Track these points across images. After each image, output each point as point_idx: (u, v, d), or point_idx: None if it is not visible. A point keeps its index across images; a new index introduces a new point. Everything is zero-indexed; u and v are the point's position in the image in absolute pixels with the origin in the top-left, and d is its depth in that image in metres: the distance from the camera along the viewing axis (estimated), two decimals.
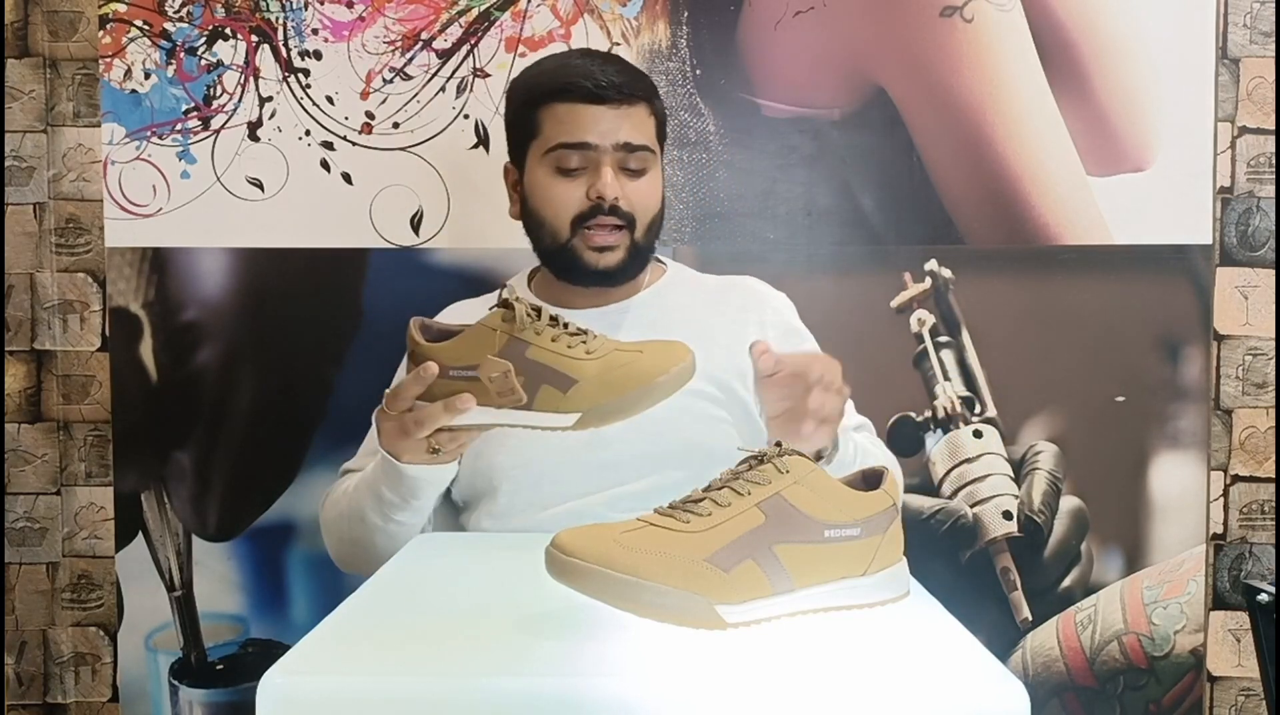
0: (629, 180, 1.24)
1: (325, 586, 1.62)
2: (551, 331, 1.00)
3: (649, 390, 0.99)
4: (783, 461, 0.81)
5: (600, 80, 1.21)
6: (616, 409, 0.99)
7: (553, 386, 0.98)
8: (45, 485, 1.64)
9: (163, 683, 1.63)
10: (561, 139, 1.22)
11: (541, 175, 1.25)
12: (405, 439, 1.06)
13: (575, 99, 1.22)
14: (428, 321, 1.06)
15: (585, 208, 1.22)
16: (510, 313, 1.00)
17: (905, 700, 0.68)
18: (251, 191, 1.59)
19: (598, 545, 0.76)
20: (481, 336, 1.00)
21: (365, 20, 1.58)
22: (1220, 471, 1.63)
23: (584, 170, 1.23)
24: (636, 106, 1.23)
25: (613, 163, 1.22)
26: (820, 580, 0.79)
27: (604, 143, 1.22)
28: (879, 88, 1.58)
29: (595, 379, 0.98)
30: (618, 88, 1.21)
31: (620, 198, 1.22)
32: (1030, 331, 1.60)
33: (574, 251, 1.24)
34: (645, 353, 1.01)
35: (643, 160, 1.24)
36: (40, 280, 1.62)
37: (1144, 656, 1.61)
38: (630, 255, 1.25)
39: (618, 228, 1.23)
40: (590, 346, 1.00)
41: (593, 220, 1.22)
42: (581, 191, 1.23)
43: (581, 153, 1.22)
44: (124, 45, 1.58)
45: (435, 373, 1.01)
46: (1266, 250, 1.61)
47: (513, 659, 0.74)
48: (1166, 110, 1.58)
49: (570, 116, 1.22)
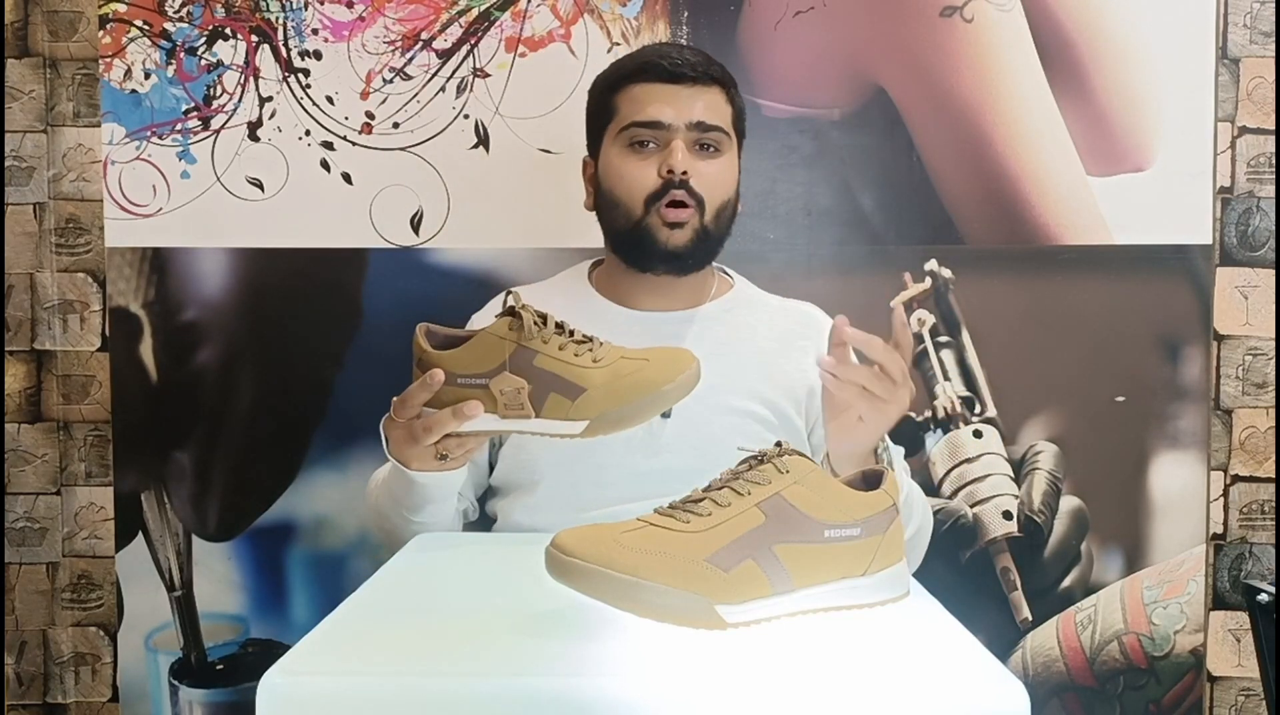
0: (702, 161, 1.23)
1: (325, 586, 1.62)
2: (559, 339, 1.01)
3: (656, 397, 1.00)
4: (783, 461, 0.81)
5: (676, 59, 1.22)
6: (624, 417, 1.00)
7: (561, 394, 1.00)
8: (45, 485, 1.64)
9: (163, 683, 1.63)
10: (636, 117, 1.22)
11: (615, 155, 1.24)
12: (413, 446, 1.06)
13: (651, 79, 1.22)
14: (434, 327, 1.06)
15: (658, 186, 1.22)
16: (517, 321, 1.00)
17: (905, 700, 0.68)
18: (251, 191, 1.59)
19: (598, 545, 0.76)
20: (489, 344, 1.01)
21: (365, 20, 1.58)
22: (1220, 471, 1.63)
23: (657, 150, 1.22)
24: (712, 88, 1.23)
25: (686, 140, 1.22)
26: (820, 580, 0.79)
27: (677, 121, 1.21)
28: (879, 88, 1.58)
29: (603, 387, 0.99)
30: (692, 66, 1.22)
31: (691, 174, 1.21)
32: (1030, 331, 1.60)
33: (647, 229, 1.22)
34: (651, 361, 1.02)
35: (716, 141, 1.23)
36: (40, 280, 1.62)
37: (1144, 656, 1.61)
38: (699, 237, 1.23)
39: (686, 206, 1.22)
40: (597, 354, 1.01)
41: (665, 198, 1.21)
42: (654, 168, 1.22)
43: (654, 130, 1.22)
44: (124, 45, 1.58)
45: (441, 380, 1.02)
46: (1266, 250, 1.61)
47: (513, 659, 0.74)
48: (1166, 110, 1.58)
49: (645, 95, 1.22)
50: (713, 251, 1.28)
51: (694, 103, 1.22)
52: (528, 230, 1.58)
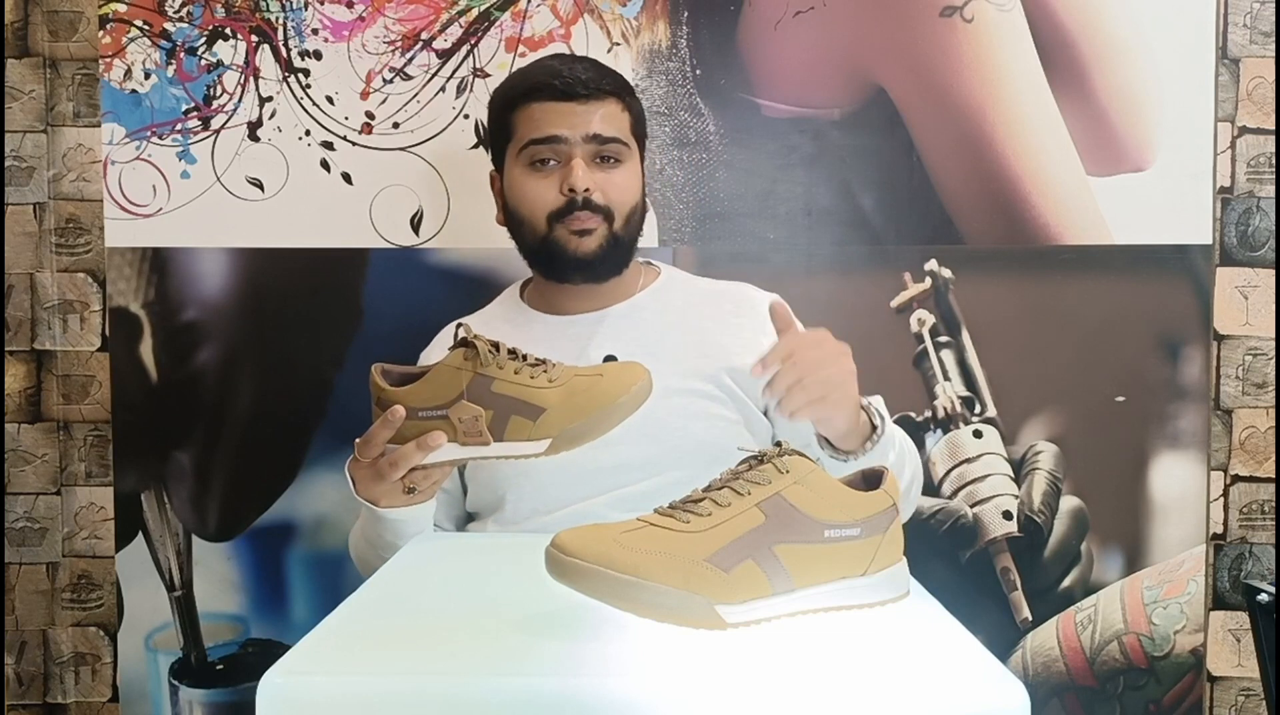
0: (603, 173, 1.24)
1: (325, 586, 1.62)
2: (514, 364, 1.04)
3: (612, 410, 1.04)
4: (783, 461, 0.81)
5: (568, 77, 1.23)
6: (584, 431, 1.04)
7: (522, 416, 1.03)
8: (45, 485, 1.64)
9: (163, 683, 1.63)
10: (533, 135, 1.24)
11: (517, 174, 1.26)
12: (381, 483, 1.08)
13: (545, 98, 1.23)
14: (389, 367, 1.09)
15: (560, 203, 1.23)
16: (472, 351, 1.04)
17: (905, 700, 0.68)
18: (251, 191, 1.59)
19: (598, 545, 0.76)
20: (446, 376, 1.04)
21: (365, 20, 1.58)
22: (1220, 471, 1.63)
23: (557, 166, 1.24)
24: (607, 102, 1.25)
25: (584, 155, 1.23)
26: (820, 580, 0.79)
27: (574, 135, 1.23)
28: (879, 88, 1.58)
29: (560, 406, 1.03)
30: (584, 83, 1.23)
31: (593, 189, 1.23)
32: (1030, 331, 1.60)
33: (555, 242, 1.25)
34: (605, 376, 1.06)
35: (615, 152, 1.25)
36: (40, 280, 1.62)
37: (1144, 656, 1.61)
38: (609, 244, 1.25)
39: (594, 218, 1.24)
40: (551, 375, 1.05)
41: (568, 216, 1.23)
42: (555, 187, 1.24)
43: (552, 146, 1.23)
44: (124, 45, 1.58)
45: (403, 415, 1.04)
46: (1266, 250, 1.61)
47: (513, 659, 0.74)
48: (1166, 110, 1.58)
49: (541, 114, 1.24)
50: (626, 255, 1.29)
51: (589, 117, 1.23)
52: None
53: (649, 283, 1.35)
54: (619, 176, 1.25)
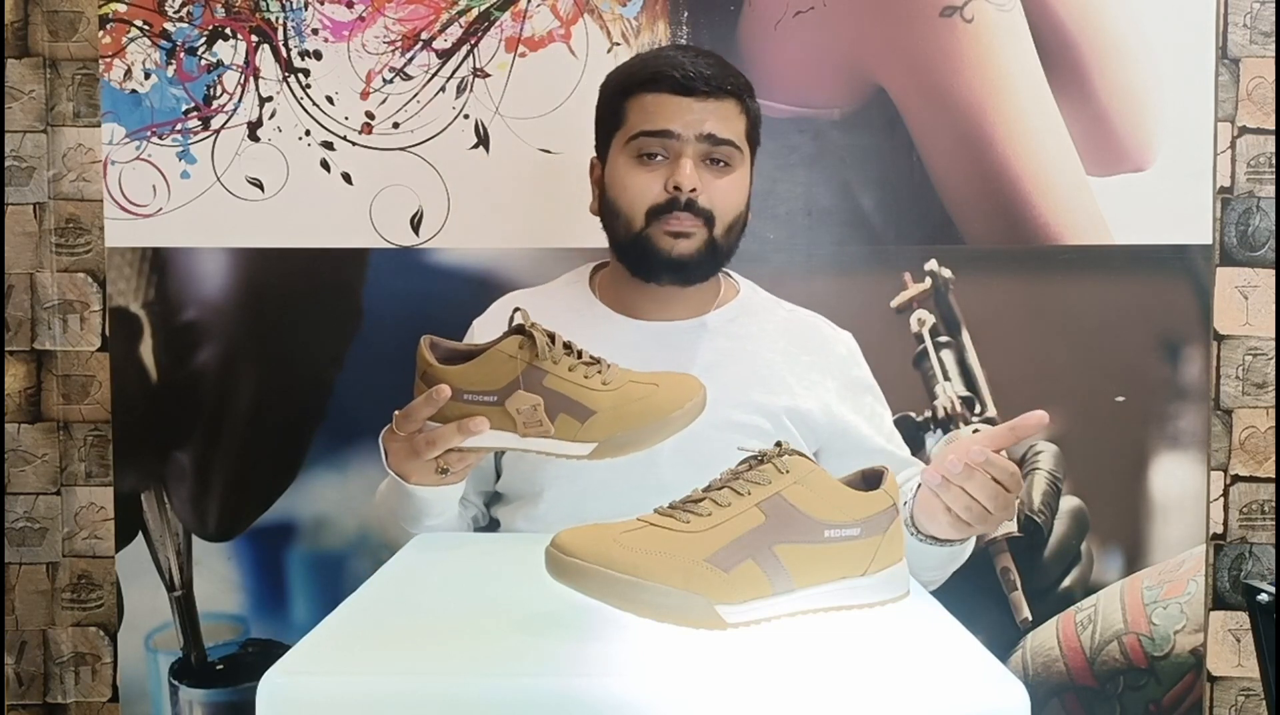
0: (712, 176, 1.20)
1: (325, 586, 1.62)
2: (568, 360, 1.01)
3: (663, 423, 1.01)
4: (783, 461, 0.81)
5: (689, 71, 1.18)
6: (631, 441, 1.01)
7: (570, 415, 1.00)
8: (45, 485, 1.64)
9: (163, 683, 1.63)
10: (644, 127, 1.19)
11: (622, 164, 1.21)
12: (414, 459, 1.06)
13: (662, 89, 1.19)
14: (438, 340, 1.06)
15: (662, 199, 1.19)
16: (528, 340, 1.00)
17: (905, 700, 0.68)
18: (251, 191, 1.59)
19: (598, 545, 0.76)
20: (498, 362, 1.00)
21: (365, 20, 1.58)
22: (1220, 471, 1.63)
23: (665, 161, 1.19)
24: (725, 101, 1.20)
25: (695, 154, 1.18)
26: (820, 580, 0.79)
27: (687, 132, 1.18)
28: (879, 88, 1.58)
29: (611, 410, 1.00)
30: (706, 79, 1.18)
31: (699, 190, 1.18)
32: (1030, 331, 1.60)
33: (648, 239, 1.19)
34: (660, 386, 1.02)
35: (727, 155, 1.20)
36: (40, 280, 1.62)
37: (1144, 656, 1.61)
38: (707, 249, 1.20)
39: (695, 222, 1.19)
40: (606, 377, 1.01)
41: (669, 214, 1.18)
42: (660, 182, 1.19)
43: (663, 141, 1.18)
44: (124, 45, 1.58)
45: (448, 395, 1.01)
46: (1266, 250, 1.61)
47: (513, 659, 0.74)
48: (1166, 110, 1.58)
49: (655, 105, 1.19)
50: (720, 263, 1.25)
51: (705, 116, 1.18)
52: (528, 230, 1.58)
53: (727, 300, 1.30)
54: (727, 181, 1.21)
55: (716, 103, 1.19)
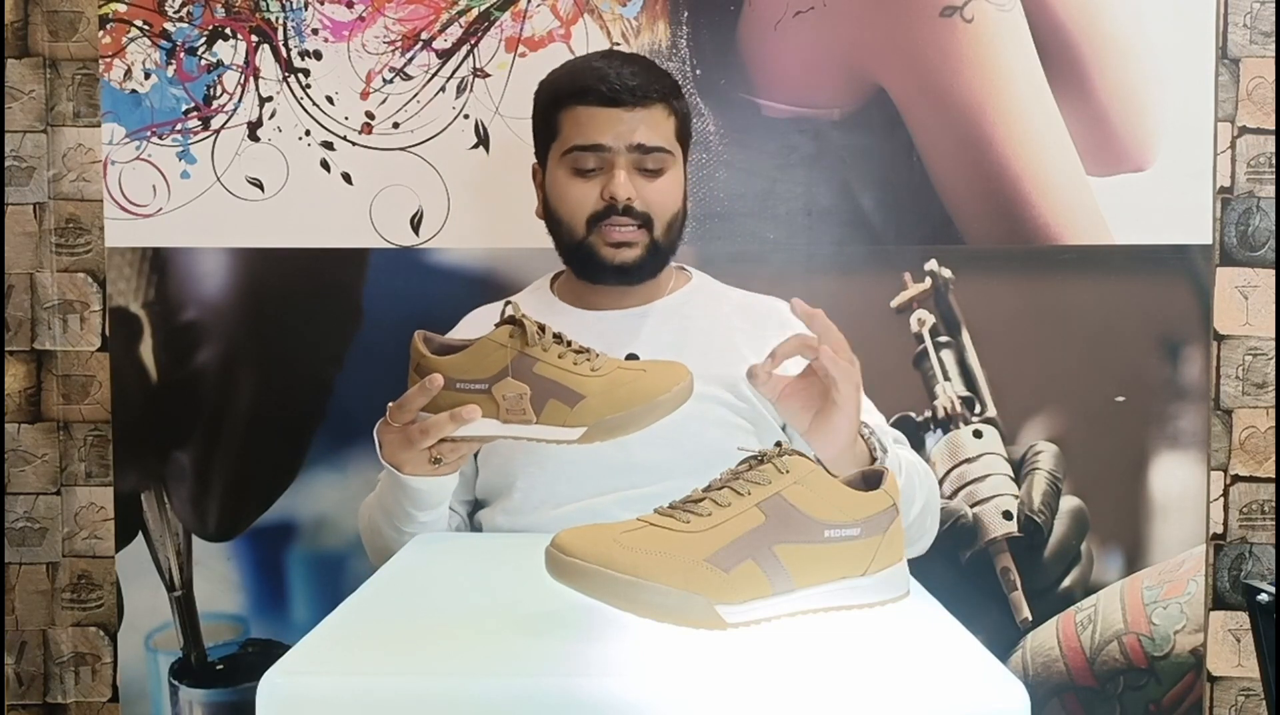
0: (645, 181, 1.24)
1: (325, 586, 1.62)
2: (558, 348, 1.04)
3: (651, 407, 1.03)
4: (783, 461, 0.81)
5: (615, 83, 1.22)
6: (620, 424, 1.03)
7: (560, 401, 1.02)
8: (45, 485, 1.64)
9: (163, 683, 1.63)
10: (577, 141, 1.23)
11: (560, 176, 1.26)
12: (409, 450, 1.08)
13: (591, 102, 1.23)
14: (430, 335, 1.08)
15: (600, 208, 1.23)
16: (518, 329, 1.03)
17: (905, 700, 0.68)
18: (251, 191, 1.59)
19: (598, 545, 0.76)
20: (489, 351, 1.03)
21: (365, 20, 1.58)
22: (1220, 471, 1.63)
23: (600, 171, 1.24)
24: (653, 108, 1.24)
25: (627, 164, 1.23)
26: (820, 580, 0.79)
27: (618, 144, 1.22)
28: (879, 88, 1.58)
29: (601, 395, 1.02)
30: (632, 90, 1.22)
31: (634, 198, 1.23)
32: (1030, 331, 1.60)
33: (591, 248, 1.25)
34: (648, 372, 1.05)
35: (659, 161, 1.24)
36: (40, 280, 1.62)
37: (1144, 656, 1.61)
38: (649, 253, 1.25)
39: (634, 227, 1.24)
40: (595, 364, 1.04)
41: (607, 220, 1.23)
42: (596, 192, 1.23)
43: (596, 154, 1.23)
44: (124, 45, 1.58)
45: (441, 384, 1.04)
46: (1266, 250, 1.61)
47: (513, 659, 0.74)
48: (1166, 110, 1.58)
49: (586, 119, 1.23)
50: (663, 262, 1.29)
51: (635, 126, 1.22)
52: (528, 230, 1.58)
53: (679, 286, 1.34)
54: (661, 184, 1.25)
55: (644, 111, 1.23)
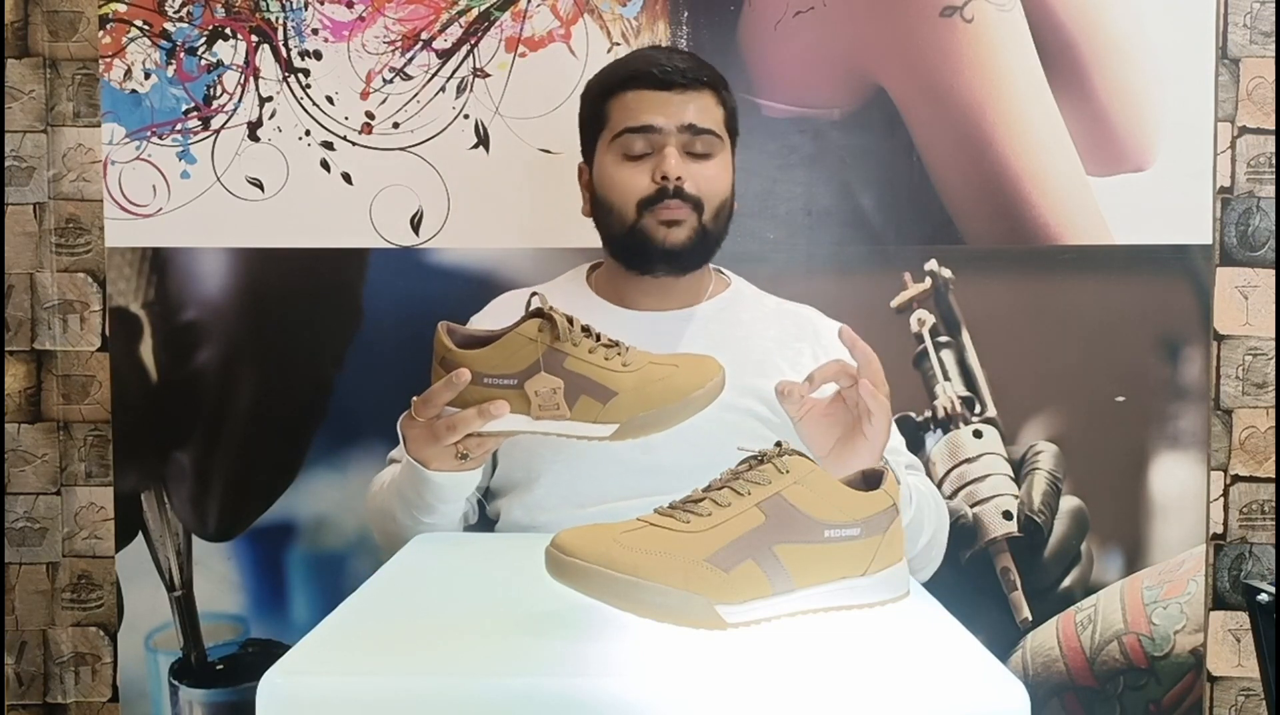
0: (695, 164, 1.24)
1: (325, 586, 1.62)
2: (589, 343, 1.02)
3: (684, 404, 1.02)
4: (783, 461, 0.81)
5: (666, 66, 1.23)
6: (653, 421, 1.02)
7: (591, 397, 1.00)
8: (45, 485, 1.64)
9: (163, 683, 1.63)
10: (627, 124, 1.24)
11: (609, 162, 1.26)
12: (434, 445, 1.06)
13: (641, 86, 1.24)
14: (454, 326, 1.06)
15: (651, 191, 1.23)
16: (548, 323, 1.01)
17: (905, 700, 0.68)
18: (251, 191, 1.59)
19: (598, 545, 0.76)
20: (518, 345, 1.01)
21: (365, 20, 1.58)
22: (1220, 471, 1.63)
23: (650, 155, 1.24)
24: (703, 93, 1.25)
25: (678, 145, 1.23)
26: (820, 580, 0.79)
27: (669, 124, 1.23)
28: (879, 88, 1.58)
29: (633, 391, 1.01)
30: (683, 73, 1.23)
31: (685, 178, 1.22)
32: (1030, 331, 1.60)
33: (643, 230, 1.24)
34: (680, 368, 1.03)
35: (708, 144, 1.25)
36: (40, 280, 1.62)
37: (1144, 656, 1.61)
38: (698, 237, 1.25)
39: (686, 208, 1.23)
40: (626, 359, 1.02)
41: (659, 203, 1.23)
42: (647, 175, 1.23)
43: (646, 136, 1.23)
44: (124, 45, 1.58)
45: (468, 379, 1.02)
46: (1266, 250, 1.61)
47: (513, 659, 0.74)
48: (1166, 110, 1.58)
49: (636, 102, 1.24)
50: (711, 250, 1.29)
51: (685, 107, 1.23)
52: (528, 230, 1.58)
53: (718, 291, 1.35)
54: (710, 168, 1.25)
55: (694, 94, 1.24)
